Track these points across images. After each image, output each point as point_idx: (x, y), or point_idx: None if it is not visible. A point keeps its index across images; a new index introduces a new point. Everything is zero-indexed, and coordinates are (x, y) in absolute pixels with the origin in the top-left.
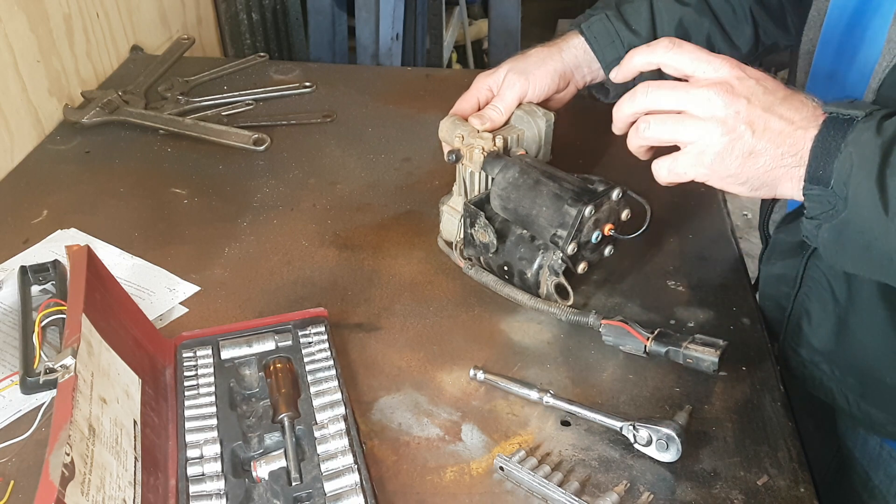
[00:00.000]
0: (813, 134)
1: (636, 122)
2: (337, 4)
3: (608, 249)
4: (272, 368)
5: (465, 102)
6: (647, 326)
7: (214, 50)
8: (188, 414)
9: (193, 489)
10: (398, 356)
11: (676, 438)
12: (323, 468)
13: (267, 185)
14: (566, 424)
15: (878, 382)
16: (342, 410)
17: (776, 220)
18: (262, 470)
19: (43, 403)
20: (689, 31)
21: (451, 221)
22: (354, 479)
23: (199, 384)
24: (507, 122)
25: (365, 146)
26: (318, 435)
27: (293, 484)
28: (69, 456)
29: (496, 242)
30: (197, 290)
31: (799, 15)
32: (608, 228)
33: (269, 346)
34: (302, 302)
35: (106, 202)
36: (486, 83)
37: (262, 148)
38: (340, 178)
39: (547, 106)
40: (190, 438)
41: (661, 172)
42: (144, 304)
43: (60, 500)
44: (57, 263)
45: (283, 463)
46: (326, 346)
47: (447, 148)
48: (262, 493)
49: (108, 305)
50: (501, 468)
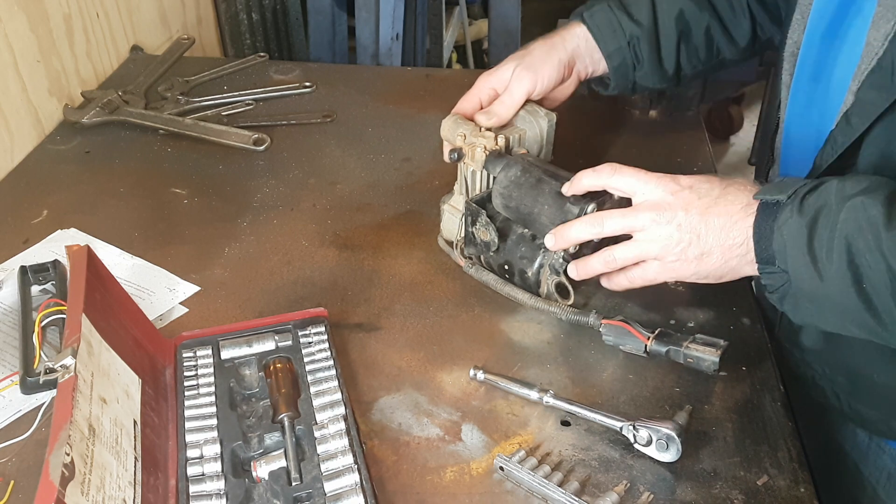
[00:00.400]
0: (751, 221)
1: (602, 256)
2: (337, 4)
3: None
4: (272, 368)
5: (467, 102)
6: (647, 326)
7: (214, 50)
8: (188, 414)
9: (193, 489)
10: (398, 356)
11: (676, 438)
12: (323, 468)
13: (267, 185)
14: (566, 424)
15: (867, 381)
16: (342, 410)
17: None
18: (262, 470)
19: (43, 403)
20: (688, 22)
21: (451, 220)
22: (354, 479)
23: (199, 384)
24: (513, 118)
25: (365, 146)
26: (318, 435)
27: (293, 484)
28: (69, 456)
29: (497, 241)
30: (197, 290)
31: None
32: None
33: (269, 346)
34: (302, 302)
35: (106, 202)
36: (489, 82)
37: (262, 148)
38: (340, 178)
39: (550, 99)
40: (190, 438)
41: (631, 282)
42: (144, 304)
43: (60, 500)
44: (57, 263)
45: (283, 463)
46: (326, 346)
47: (448, 147)
48: (262, 493)
49: (108, 305)
50: (501, 468)
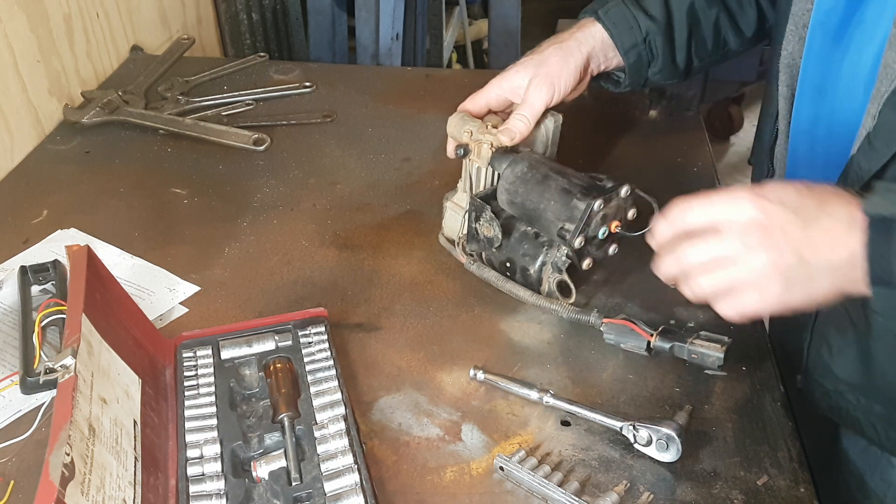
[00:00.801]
0: (859, 238)
1: (683, 274)
2: (337, 4)
3: (612, 248)
4: (272, 368)
5: (474, 103)
6: (647, 326)
7: (214, 50)
8: (188, 414)
9: (193, 489)
10: (398, 356)
11: (676, 438)
12: (323, 468)
13: (267, 185)
14: (566, 424)
15: None
16: (342, 410)
17: None
18: (262, 470)
19: (43, 403)
20: (698, 15)
21: (454, 217)
22: (354, 479)
23: (199, 384)
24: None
25: (365, 146)
26: (318, 435)
27: (293, 484)
28: (69, 456)
29: (500, 237)
30: (197, 290)
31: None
32: (615, 225)
33: (269, 346)
34: (302, 302)
35: (106, 202)
36: (500, 87)
37: (262, 148)
38: (340, 178)
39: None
40: (190, 438)
41: (728, 312)
42: (144, 304)
43: (60, 500)
44: (57, 263)
45: (283, 463)
46: (326, 346)
47: (452, 144)
48: (262, 493)
49: (108, 305)
50: (501, 468)
